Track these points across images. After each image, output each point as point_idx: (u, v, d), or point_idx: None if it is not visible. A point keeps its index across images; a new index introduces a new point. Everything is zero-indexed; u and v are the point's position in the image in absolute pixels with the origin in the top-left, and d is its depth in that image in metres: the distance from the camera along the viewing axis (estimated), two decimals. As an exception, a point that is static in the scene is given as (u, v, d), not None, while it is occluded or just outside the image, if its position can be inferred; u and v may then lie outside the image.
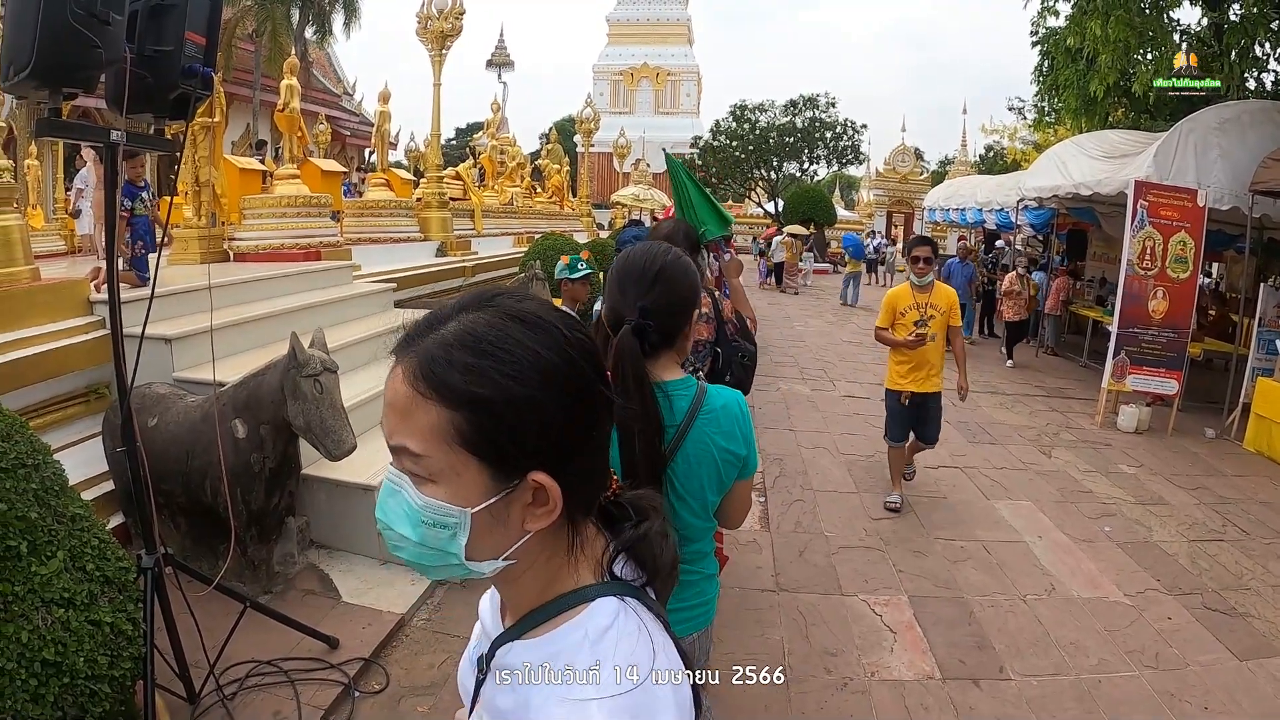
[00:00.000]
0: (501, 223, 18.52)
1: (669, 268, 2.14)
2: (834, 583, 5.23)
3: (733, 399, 2.16)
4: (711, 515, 2.19)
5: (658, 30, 59.95)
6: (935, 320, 6.23)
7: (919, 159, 45.27)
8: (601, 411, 0.98)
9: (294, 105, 10.55)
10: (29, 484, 2.93)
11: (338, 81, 38.28)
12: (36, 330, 5.45)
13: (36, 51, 2.44)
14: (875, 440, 8.23)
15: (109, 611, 2.96)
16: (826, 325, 18.01)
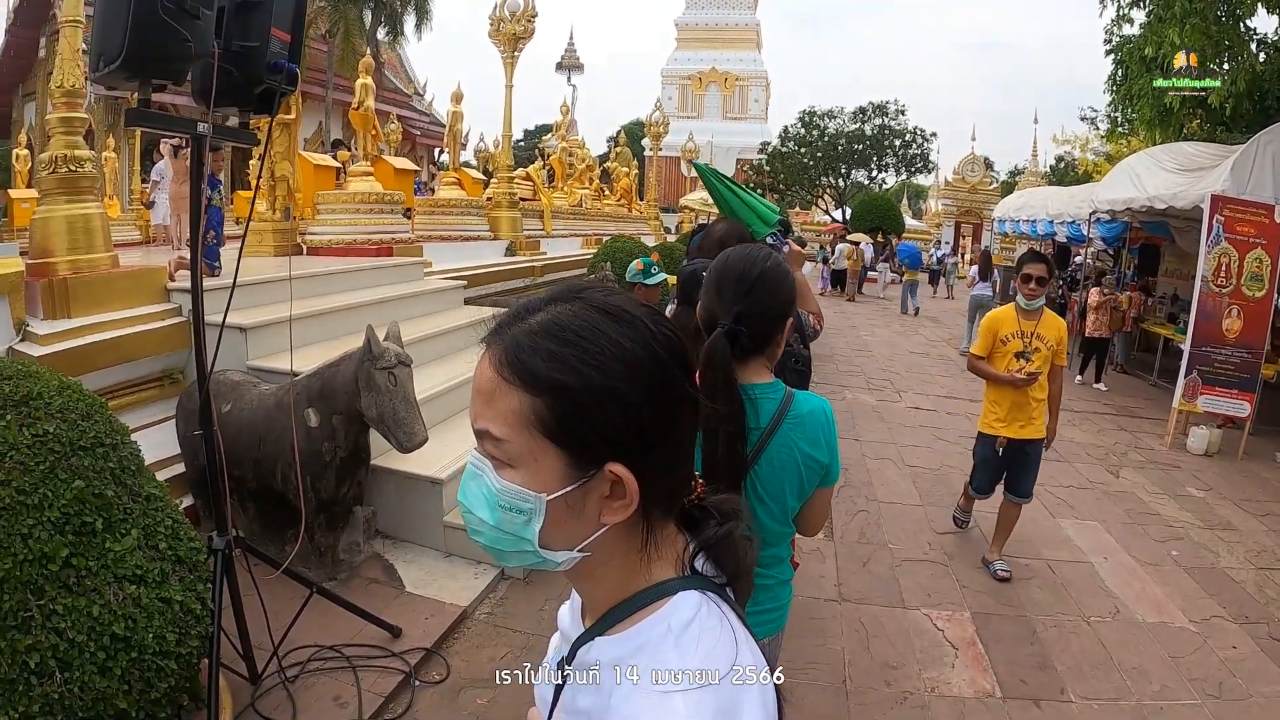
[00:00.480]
0: (570, 224, 18.64)
1: (768, 273, 2.14)
2: (896, 595, 5.18)
3: (819, 406, 2.17)
4: (790, 521, 2.20)
5: (726, 35, 60.02)
6: (1040, 354, 5.34)
7: (988, 169, 44.70)
8: (685, 408, 0.97)
9: (369, 104, 10.72)
10: (107, 462, 3.03)
11: (408, 82, 38.79)
12: (115, 315, 5.66)
13: (127, 43, 2.52)
14: (941, 453, 8.15)
15: (179, 590, 3.04)
16: (893, 335, 17.82)
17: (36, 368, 3.31)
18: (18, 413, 2.93)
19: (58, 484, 2.83)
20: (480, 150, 26.82)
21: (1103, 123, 25.77)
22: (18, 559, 2.63)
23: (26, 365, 3.29)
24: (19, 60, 27.72)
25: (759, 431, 2.07)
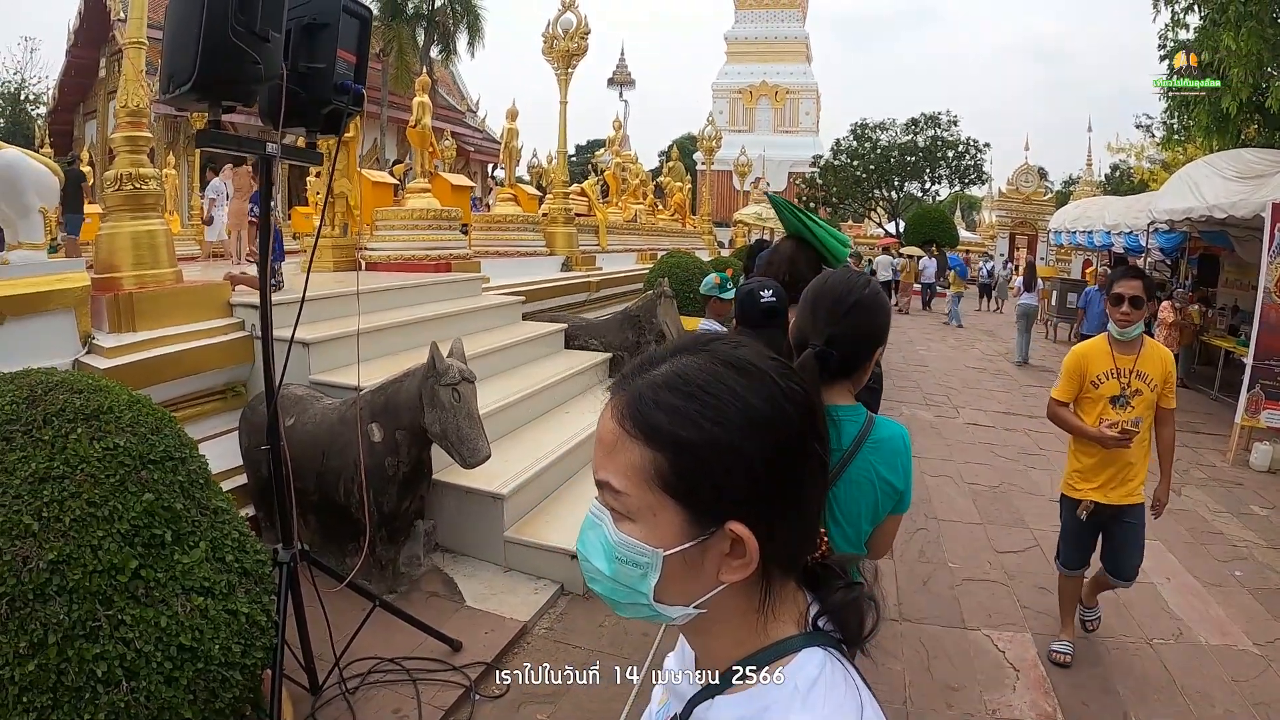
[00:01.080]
0: (625, 239, 18.68)
1: (865, 301, 2.15)
2: (957, 615, 5.10)
3: (898, 432, 2.18)
4: (863, 544, 2.19)
5: (775, 48, 60.02)
6: (1142, 397, 4.28)
7: (1043, 179, 44.08)
8: (811, 466, 0.93)
9: (426, 122, 10.87)
10: (176, 476, 3.09)
11: (461, 99, 39.26)
12: (179, 329, 5.78)
13: (198, 66, 2.57)
14: (1000, 470, 8.03)
15: (245, 602, 3.08)
16: (949, 350, 17.62)
17: (106, 382, 3.38)
18: (88, 426, 3.00)
19: (128, 497, 2.88)
20: (534, 165, 27.04)
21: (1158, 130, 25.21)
22: (87, 570, 2.68)
23: (97, 379, 3.36)
24: (80, 79, 28.53)
25: (839, 454, 2.07)
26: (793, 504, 0.92)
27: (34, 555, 2.65)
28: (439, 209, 10.46)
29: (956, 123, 42.67)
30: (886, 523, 2.20)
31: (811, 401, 0.96)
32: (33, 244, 5.41)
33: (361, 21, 3.19)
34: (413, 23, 31.22)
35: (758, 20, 60.85)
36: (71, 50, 27.72)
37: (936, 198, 46.27)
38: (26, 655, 2.57)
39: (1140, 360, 4.30)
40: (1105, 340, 4.40)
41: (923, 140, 42.53)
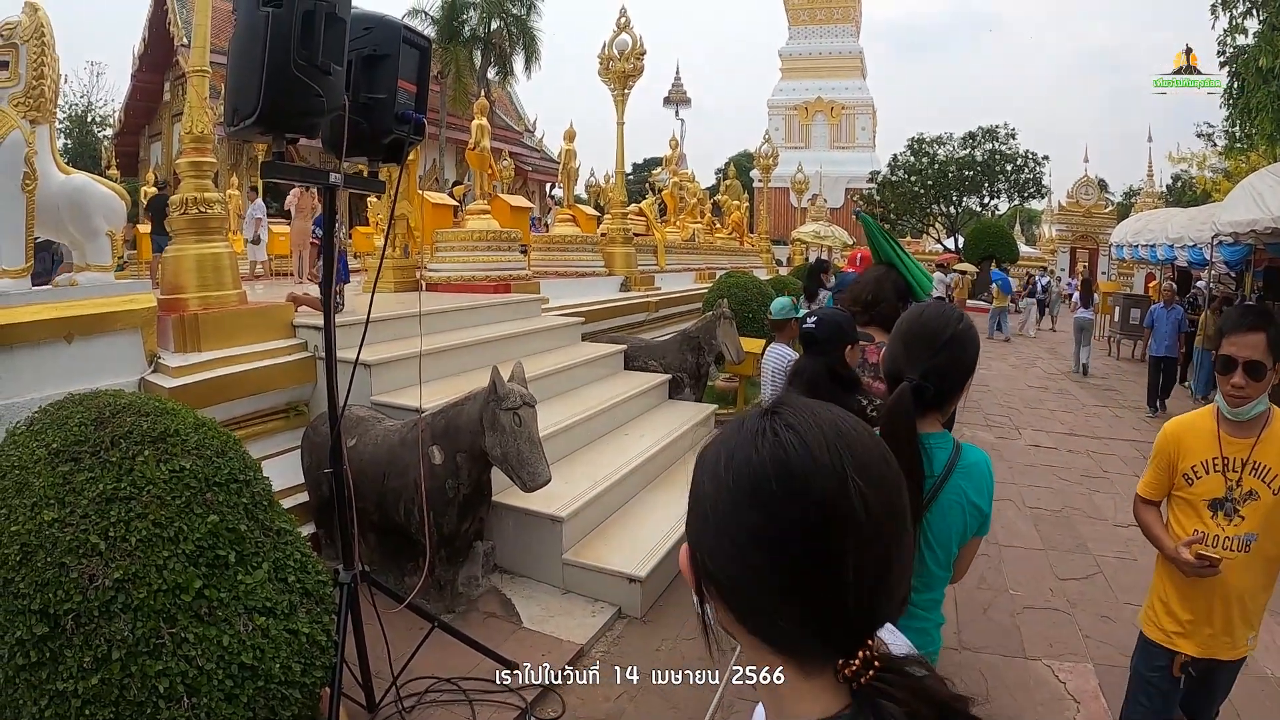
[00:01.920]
0: (683, 258, 18.69)
1: (959, 336, 2.22)
2: (1017, 644, 4.99)
3: (984, 459, 2.25)
4: (949, 566, 2.27)
5: (830, 63, 59.86)
6: (1258, 503, 2.85)
7: (1103, 191, 43.26)
8: (789, 559, 0.85)
9: (484, 144, 11.00)
10: (240, 498, 3.16)
11: (519, 119, 39.66)
12: (243, 349, 5.91)
13: (262, 100, 2.64)
14: (1062, 493, 7.87)
15: (306, 622, 3.14)
16: (1010, 369, 17.32)
17: (173, 405, 3.47)
18: (155, 449, 3.08)
19: (193, 518, 2.96)
20: (592, 185, 27.19)
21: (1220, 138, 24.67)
22: (152, 588, 2.76)
23: (163, 402, 3.46)
24: (145, 103, 29.32)
25: (932, 480, 2.15)
26: (779, 594, 0.85)
27: (100, 573, 2.73)
28: (498, 230, 10.58)
29: (1015, 136, 42.00)
30: (969, 544, 2.28)
31: (801, 503, 0.85)
32: (100, 266, 5.55)
33: (421, 52, 3.25)
34: (469, 45, 31.63)
35: (812, 36, 60.76)
36: (136, 75, 28.51)
37: (996, 212, 45.57)
38: (90, 669, 2.65)
39: (1260, 449, 2.87)
40: (1212, 414, 3.02)
41: (981, 154, 41.91)
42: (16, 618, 2.71)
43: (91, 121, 46.69)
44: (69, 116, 45.22)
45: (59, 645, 2.68)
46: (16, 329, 4.90)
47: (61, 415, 3.26)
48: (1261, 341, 2.78)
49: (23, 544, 2.80)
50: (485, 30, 31.79)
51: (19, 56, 4.97)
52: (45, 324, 5.05)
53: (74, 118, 45.80)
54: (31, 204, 5.02)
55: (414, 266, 9.60)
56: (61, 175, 5.33)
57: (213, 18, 6.67)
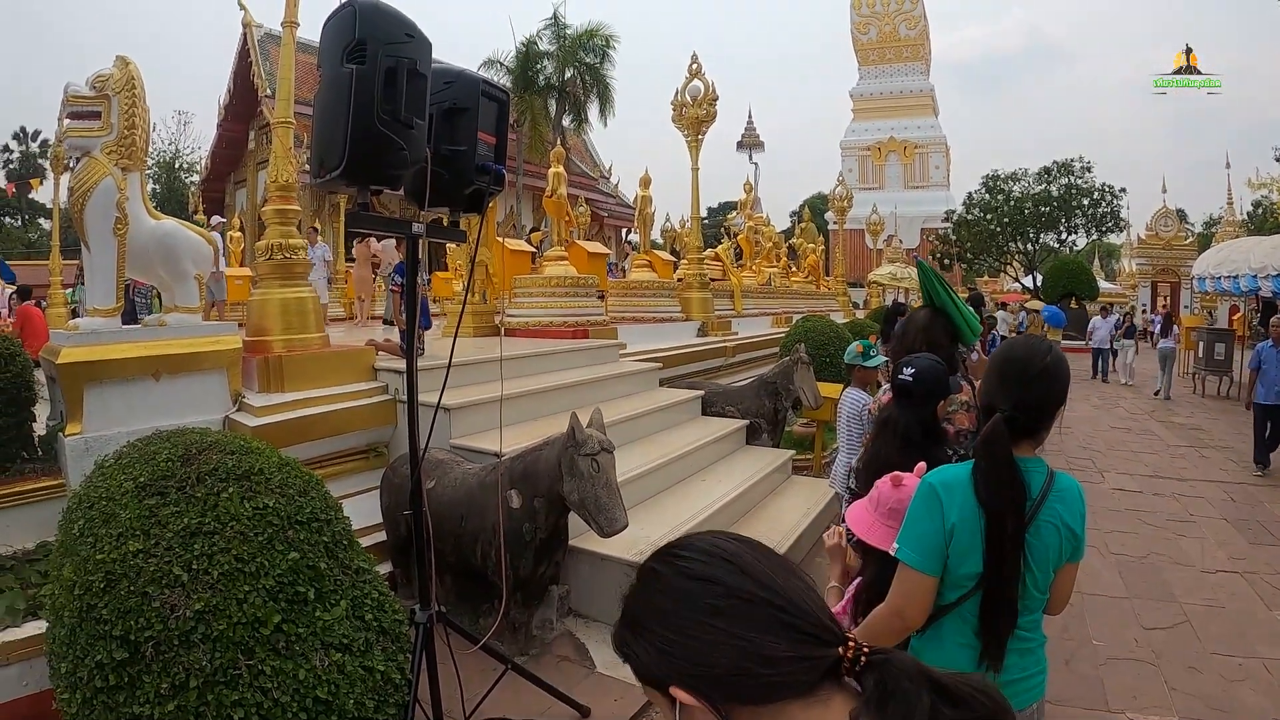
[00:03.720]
0: (760, 303, 18.67)
1: (1049, 367, 2.29)
2: (1100, 697, 4.83)
3: (1076, 484, 2.36)
4: (1047, 589, 2.32)
5: (902, 102, 59.73)
6: None
7: (1182, 221, 42.23)
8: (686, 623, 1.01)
9: (561, 191, 11.17)
10: (321, 537, 3.25)
11: (594, 165, 40.16)
12: (325, 391, 6.09)
13: (347, 154, 2.74)
14: (1148, 539, 7.64)
15: (381, 659, 3.20)
16: (1092, 409, 16.86)
17: (258, 444, 3.60)
18: (240, 486, 3.20)
19: (274, 555, 3.05)
20: (667, 229, 27.37)
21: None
22: (232, 620, 2.85)
23: (249, 442, 3.58)
24: (230, 151, 30.44)
25: (1030, 503, 2.21)
26: (716, 661, 0.98)
27: (181, 604, 2.84)
28: (576, 276, 10.70)
29: (1090, 169, 40.95)
30: (1066, 570, 2.34)
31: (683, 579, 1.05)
32: (188, 308, 5.79)
33: (500, 104, 3.34)
34: (544, 94, 32.24)
35: (882, 75, 60.70)
36: (222, 124, 29.62)
37: (1073, 248, 44.65)
38: (168, 695, 2.75)
39: None
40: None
41: (1056, 189, 40.95)
42: (98, 642, 2.83)
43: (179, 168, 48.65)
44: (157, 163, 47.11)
45: (138, 671, 2.79)
46: (107, 366, 5.17)
47: (149, 450, 3.40)
48: None
49: (107, 572, 2.92)
50: (559, 79, 32.39)
51: (111, 107, 5.24)
52: (134, 362, 5.31)
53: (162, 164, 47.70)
54: (122, 247, 5.28)
55: (492, 312, 9.76)
56: (152, 220, 5.59)
57: (295, 70, 6.92)
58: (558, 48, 32.42)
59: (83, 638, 2.88)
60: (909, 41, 60.30)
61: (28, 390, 5.22)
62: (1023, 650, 2.31)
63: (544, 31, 32.79)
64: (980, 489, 2.17)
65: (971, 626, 2.23)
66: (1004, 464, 2.16)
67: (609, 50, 32.85)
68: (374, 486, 5.77)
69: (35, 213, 53.27)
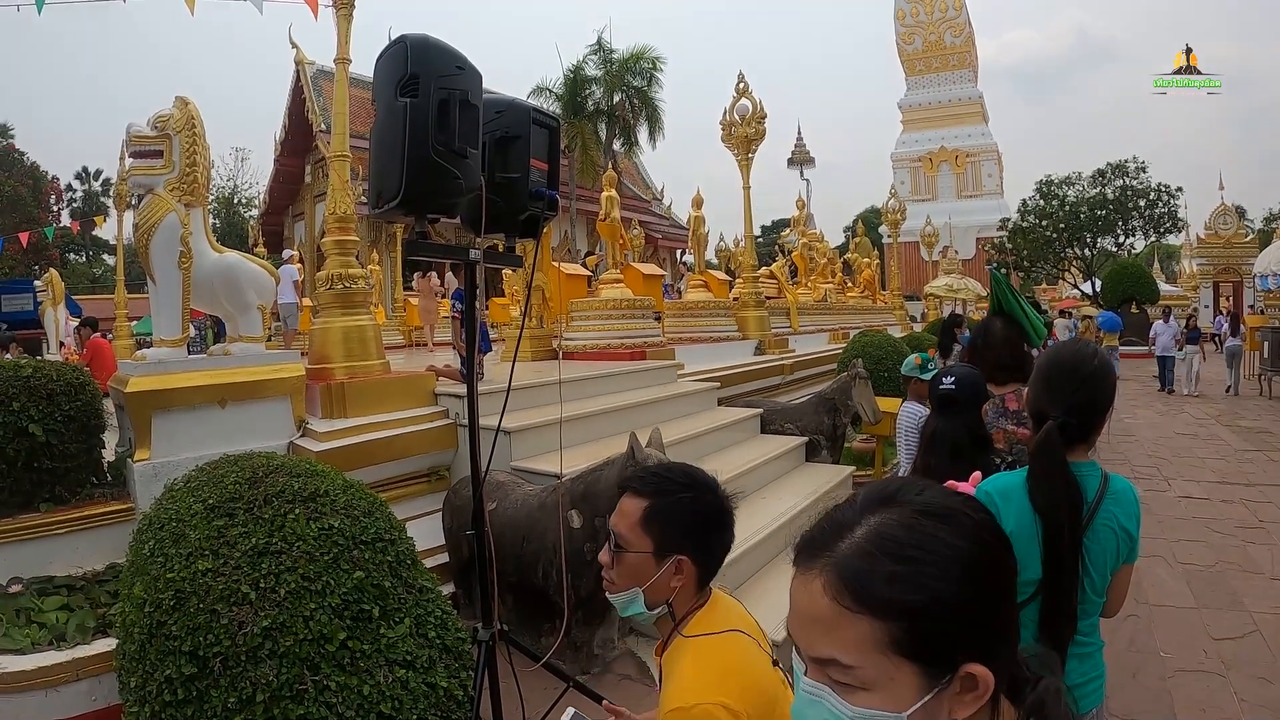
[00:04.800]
0: (816, 319, 18.64)
1: (1096, 372, 2.33)
2: (1168, 710, 4.74)
3: (1130, 485, 2.36)
4: (1104, 593, 2.33)
5: (951, 111, 59.25)
6: None
7: (1242, 219, 41.29)
8: (1013, 586, 0.98)
9: (614, 215, 11.27)
10: (385, 556, 3.33)
11: (646, 188, 40.29)
12: (387, 416, 6.23)
13: (404, 184, 2.83)
14: (1217, 548, 7.48)
15: (444, 676, 3.27)
16: (1157, 416, 16.53)
17: (323, 467, 3.70)
18: (306, 507, 3.30)
19: (339, 574, 3.15)
20: (721, 249, 27.38)
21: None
22: (298, 637, 2.94)
23: (314, 465, 3.69)
24: (287, 185, 30.94)
25: (1086, 507, 2.24)
26: (1010, 627, 0.96)
27: (249, 621, 2.93)
28: (631, 298, 10.79)
29: (1145, 169, 40.08)
30: (1122, 572, 2.34)
31: (1000, 526, 0.99)
32: (252, 337, 5.96)
33: (550, 131, 3.42)
34: (594, 119, 32.47)
35: (930, 85, 60.30)
36: (279, 159, 30.09)
37: (1132, 251, 43.78)
38: (235, 709, 2.84)
39: None
40: None
41: (1111, 191, 40.14)
42: (167, 658, 2.93)
43: (237, 203, 49.89)
44: (217, 199, 48.28)
45: (206, 685, 2.88)
46: (174, 394, 5.35)
47: (218, 474, 3.53)
48: None
49: (177, 590, 3.03)
50: (608, 104, 32.59)
51: (172, 146, 5.45)
52: (200, 389, 5.49)
53: (221, 199, 48.86)
54: (187, 280, 5.48)
55: (550, 336, 9.86)
56: (215, 254, 5.78)
57: (349, 104, 7.09)
58: (604, 72, 32.66)
59: (152, 653, 2.98)
60: (955, 49, 59.86)
61: (97, 418, 5.37)
62: (1082, 655, 2.31)
63: (590, 57, 33.07)
64: (1036, 497, 2.18)
65: (1031, 633, 2.22)
66: (1059, 471, 2.17)
67: (655, 72, 33.03)
68: (436, 509, 5.88)
69: (99, 249, 54.97)
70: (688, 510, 1.94)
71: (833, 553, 0.93)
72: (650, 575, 1.91)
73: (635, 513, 1.93)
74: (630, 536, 1.92)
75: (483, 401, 3.99)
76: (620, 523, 1.95)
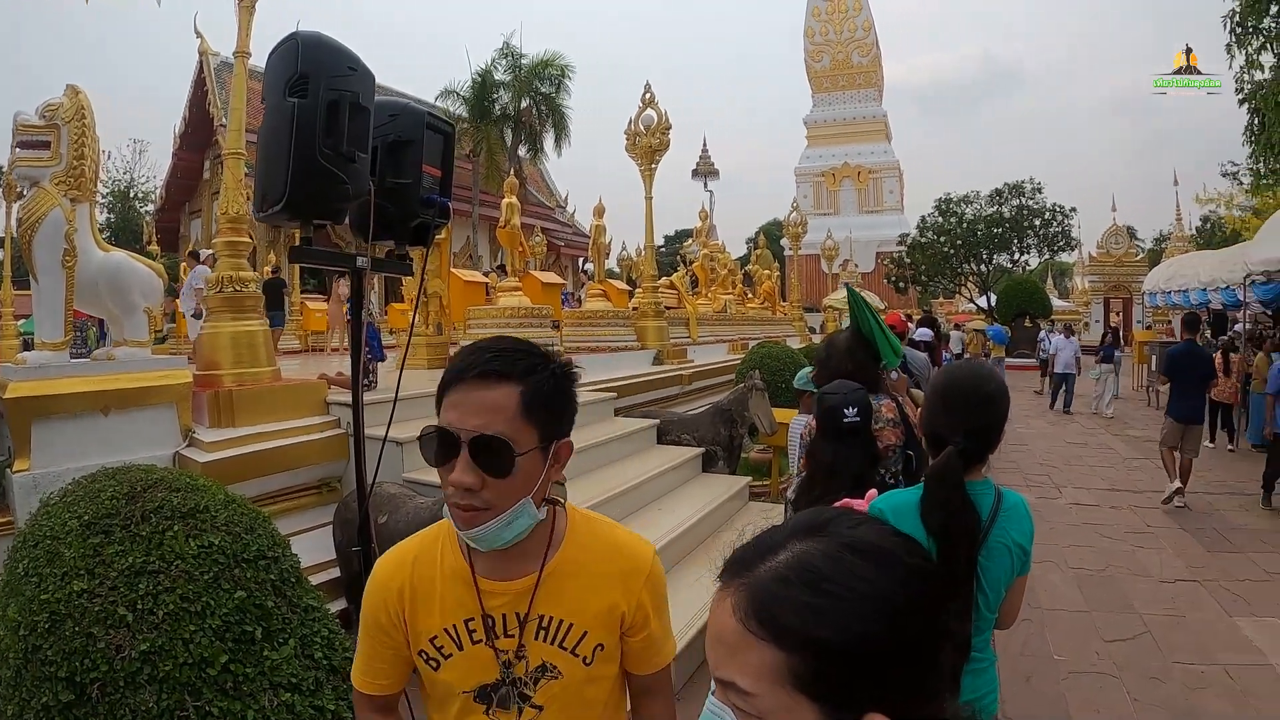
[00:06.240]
0: (715, 330, 18.76)
1: (995, 392, 2.37)
2: (1064, 713, 4.86)
3: (1022, 500, 2.40)
4: (997, 609, 2.35)
5: (856, 129, 60.68)
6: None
7: (1133, 238, 43.25)
8: (944, 640, 0.90)
9: (515, 222, 11.20)
10: (268, 574, 3.20)
11: (550, 195, 40.26)
12: (276, 426, 6.04)
13: (289, 187, 2.73)
14: (1106, 553, 7.75)
15: (331, 699, 3.15)
16: (1048, 426, 17.06)
17: (204, 481, 3.55)
18: (185, 524, 3.15)
19: (220, 594, 3.00)
20: (624, 258, 27.46)
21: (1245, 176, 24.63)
22: (178, 661, 2.79)
23: (194, 478, 3.53)
24: (186, 180, 30.09)
25: (980, 526, 2.27)
26: (931, 680, 0.87)
27: (127, 644, 2.78)
28: (530, 307, 10.73)
29: (1041, 190, 41.74)
30: (1015, 585, 2.38)
31: (938, 569, 0.94)
32: (137, 341, 5.74)
33: (445, 136, 3.34)
34: (500, 124, 32.36)
35: (835, 102, 61.60)
36: (177, 153, 29.24)
37: (1026, 268, 45.46)
38: (113, 740, 2.68)
39: None
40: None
41: (1008, 210, 41.67)
42: (43, 684, 2.76)
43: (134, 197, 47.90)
44: (112, 192, 46.38)
45: (84, 713, 2.72)
46: (55, 400, 5.10)
47: (94, 488, 3.34)
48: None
49: (52, 612, 2.86)
50: (515, 109, 32.53)
51: (60, 137, 5.21)
52: (83, 396, 5.25)
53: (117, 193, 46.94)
54: (71, 280, 5.24)
55: (447, 344, 9.73)
56: (101, 253, 5.55)
57: (249, 100, 6.89)
58: (513, 78, 32.56)
59: (28, 680, 2.81)
60: (862, 69, 61.27)
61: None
62: (976, 671, 2.33)
63: (499, 61, 32.96)
64: (930, 521, 2.18)
65: None
66: (957, 495, 2.19)
67: (564, 79, 33.14)
68: (328, 522, 5.69)
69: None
70: (561, 383, 1.67)
71: (752, 574, 0.88)
72: (540, 473, 1.59)
73: (511, 404, 1.54)
74: (514, 433, 1.52)
75: (376, 411, 3.88)
76: (496, 420, 1.51)
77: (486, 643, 1.65)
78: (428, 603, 1.69)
